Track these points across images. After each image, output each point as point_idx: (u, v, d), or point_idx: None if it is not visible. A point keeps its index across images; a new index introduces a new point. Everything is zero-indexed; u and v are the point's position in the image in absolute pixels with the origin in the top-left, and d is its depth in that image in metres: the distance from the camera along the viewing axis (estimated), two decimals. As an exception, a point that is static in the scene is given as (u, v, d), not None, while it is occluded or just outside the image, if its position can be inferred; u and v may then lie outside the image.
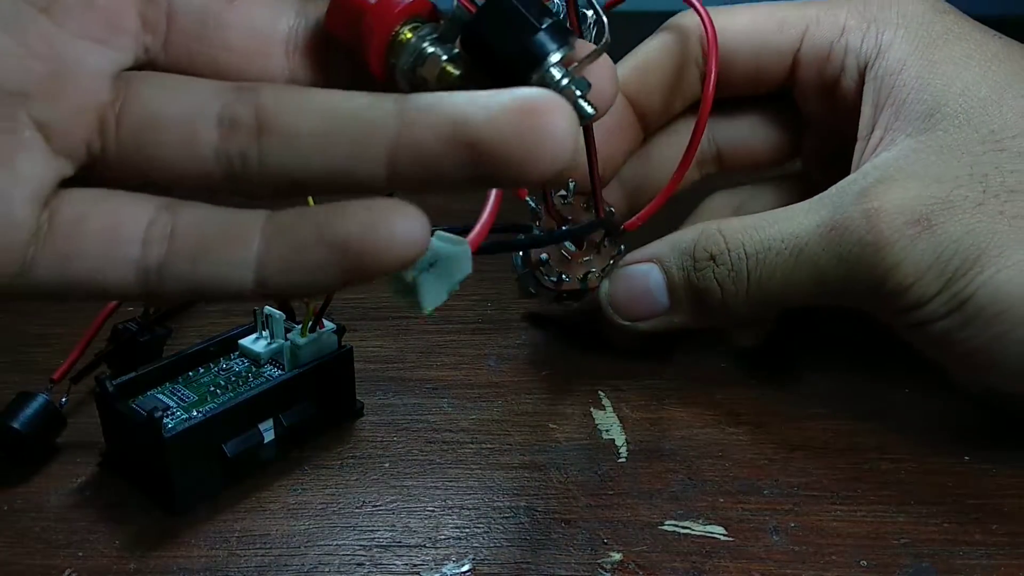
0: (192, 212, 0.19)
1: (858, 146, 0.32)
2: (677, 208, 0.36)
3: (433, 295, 0.19)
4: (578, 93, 0.21)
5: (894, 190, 0.28)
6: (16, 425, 0.29)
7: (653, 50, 0.35)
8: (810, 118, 0.36)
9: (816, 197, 0.30)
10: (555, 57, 0.20)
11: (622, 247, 0.34)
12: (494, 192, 0.21)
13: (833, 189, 0.30)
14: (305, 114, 0.19)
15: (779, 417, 0.32)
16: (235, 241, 0.18)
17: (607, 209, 0.33)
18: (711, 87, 0.32)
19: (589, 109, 0.21)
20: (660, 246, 0.33)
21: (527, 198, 0.33)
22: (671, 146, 0.36)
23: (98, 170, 0.20)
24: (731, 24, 0.34)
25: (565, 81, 0.20)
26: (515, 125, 0.17)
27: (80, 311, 0.32)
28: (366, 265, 0.18)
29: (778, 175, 0.38)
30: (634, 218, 0.33)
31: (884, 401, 0.33)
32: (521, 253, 0.34)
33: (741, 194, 0.38)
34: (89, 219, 0.19)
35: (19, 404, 0.29)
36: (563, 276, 0.33)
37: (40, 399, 0.30)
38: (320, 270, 0.18)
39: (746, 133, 0.37)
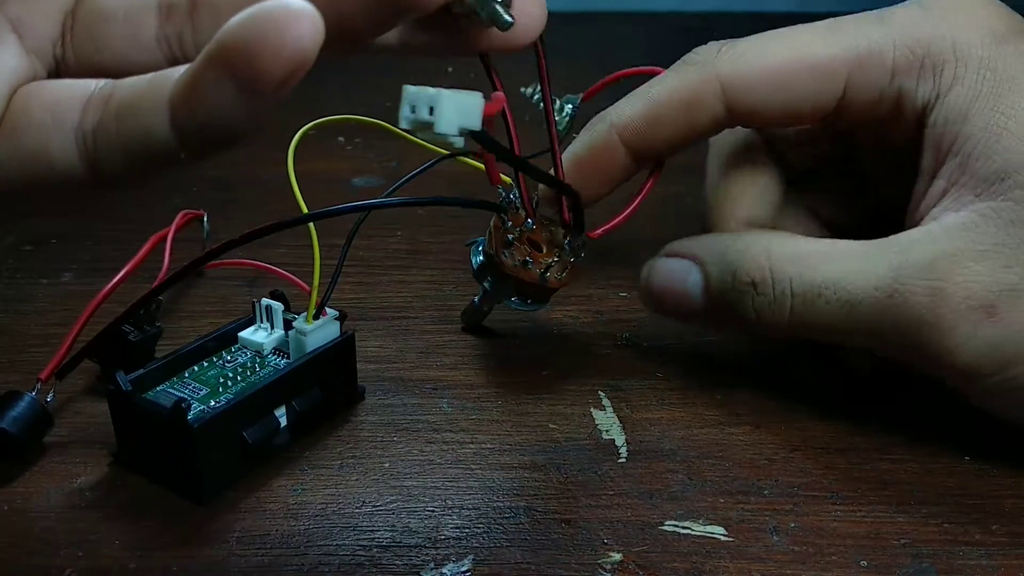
0: (132, 78, 0.20)
1: (919, 187, 0.30)
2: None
3: (448, 121, 0.20)
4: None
5: (961, 271, 0.27)
6: (2, 424, 0.29)
7: (662, 100, 0.32)
8: (862, 150, 0.34)
9: (876, 244, 0.29)
10: None
11: (582, 255, 0.33)
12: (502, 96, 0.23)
13: (896, 244, 0.29)
14: None
15: (779, 417, 0.32)
16: (154, 91, 0.19)
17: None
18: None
19: (507, 17, 0.22)
20: (706, 248, 0.32)
21: (499, 187, 0.32)
22: None
23: (61, 77, 0.21)
24: (756, 75, 0.30)
25: None
26: None
27: (79, 311, 0.32)
28: (256, 72, 0.17)
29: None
30: (599, 229, 0.33)
31: (884, 401, 0.33)
32: (483, 249, 0.33)
33: (807, 194, 0.35)
34: (37, 94, 0.20)
35: (4, 403, 0.29)
36: (527, 261, 0.32)
37: (27, 398, 0.30)
38: (218, 91, 0.17)
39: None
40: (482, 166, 0.30)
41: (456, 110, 0.20)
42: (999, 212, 0.27)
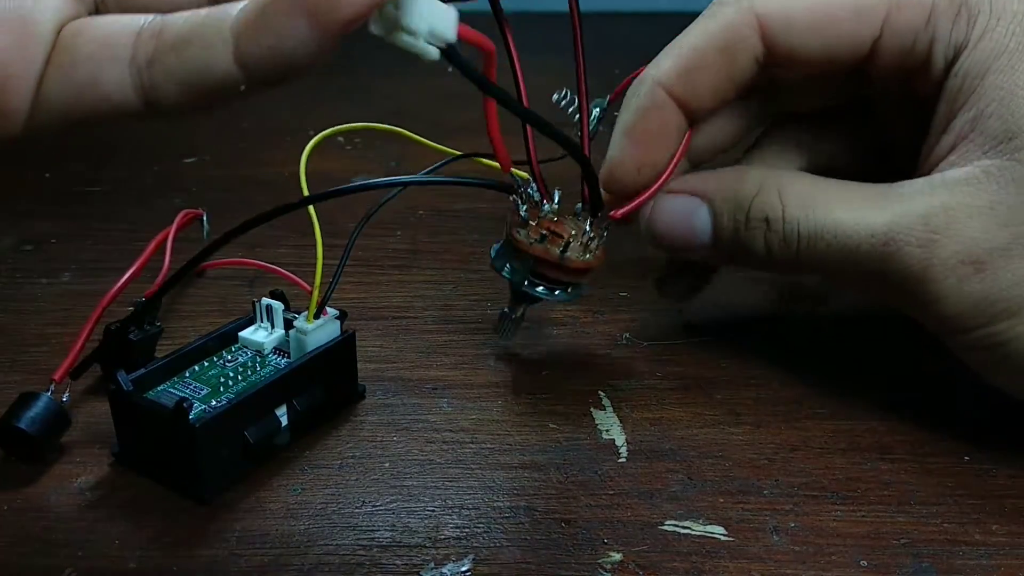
0: (181, 13, 0.20)
1: (930, 138, 0.30)
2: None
3: (417, 15, 0.19)
4: None
5: (955, 225, 0.27)
6: (22, 425, 0.29)
7: (699, 46, 0.31)
8: (879, 101, 0.34)
9: (880, 191, 0.29)
10: None
11: (604, 233, 0.32)
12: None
13: (897, 192, 0.29)
14: None
15: (779, 417, 0.32)
16: (213, 24, 0.19)
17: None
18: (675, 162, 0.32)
19: None
20: (715, 184, 0.32)
21: (512, 172, 0.31)
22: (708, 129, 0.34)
23: None
24: (795, 12, 0.30)
25: None
26: None
27: (78, 311, 0.32)
28: (332, 8, 0.18)
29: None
30: (623, 209, 0.32)
31: (884, 401, 0.33)
32: (503, 245, 0.32)
33: (810, 132, 0.35)
34: (86, 29, 0.20)
35: (24, 404, 0.29)
36: (544, 235, 0.31)
37: (44, 398, 0.30)
38: (289, 26, 0.18)
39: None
40: (495, 164, 0.30)
41: (428, 9, 0.20)
42: (1003, 171, 0.28)
